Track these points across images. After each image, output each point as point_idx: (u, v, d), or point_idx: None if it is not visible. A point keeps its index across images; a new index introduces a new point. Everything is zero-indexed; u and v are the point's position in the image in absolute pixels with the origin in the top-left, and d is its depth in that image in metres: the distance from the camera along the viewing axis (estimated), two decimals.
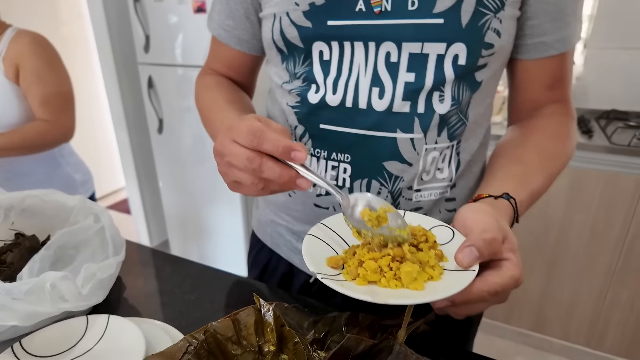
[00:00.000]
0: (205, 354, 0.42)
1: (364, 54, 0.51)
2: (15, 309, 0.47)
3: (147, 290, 0.68)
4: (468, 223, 0.41)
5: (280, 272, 0.73)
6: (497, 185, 0.49)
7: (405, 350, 0.41)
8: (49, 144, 1.18)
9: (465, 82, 0.52)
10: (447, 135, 0.54)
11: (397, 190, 0.56)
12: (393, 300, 0.35)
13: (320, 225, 0.45)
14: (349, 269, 0.40)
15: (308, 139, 0.58)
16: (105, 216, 0.67)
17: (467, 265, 0.36)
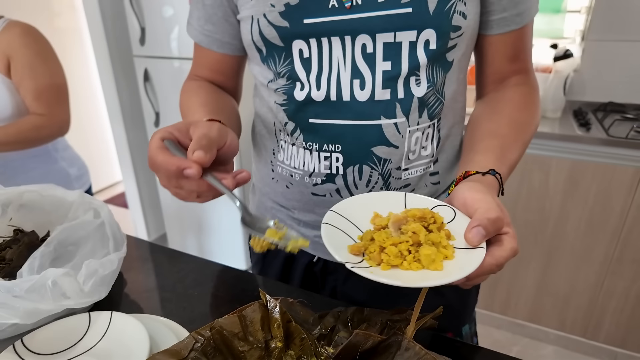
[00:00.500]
0: (212, 351, 0.42)
1: (341, 49, 0.53)
2: (17, 307, 0.46)
3: (148, 286, 0.68)
4: (468, 202, 0.43)
5: (282, 255, 0.74)
6: (480, 160, 0.51)
7: (414, 346, 0.41)
8: (44, 138, 1.16)
9: (438, 64, 0.55)
10: (427, 115, 0.57)
11: (387, 171, 0.59)
12: (423, 283, 0.37)
13: (331, 212, 0.45)
14: (371, 255, 0.41)
15: (299, 134, 0.60)
16: (105, 211, 0.66)
17: (477, 243, 0.39)
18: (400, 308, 0.50)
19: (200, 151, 0.42)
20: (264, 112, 0.66)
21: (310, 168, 0.61)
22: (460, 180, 0.49)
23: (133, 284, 0.68)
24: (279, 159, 0.66)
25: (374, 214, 0.46)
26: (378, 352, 0.42)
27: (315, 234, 0.68)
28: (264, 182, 0.72)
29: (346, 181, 0.60)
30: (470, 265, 0.37)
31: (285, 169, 0.65)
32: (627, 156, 1.37)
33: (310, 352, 0.45)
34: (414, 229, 0.41)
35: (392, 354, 0.42)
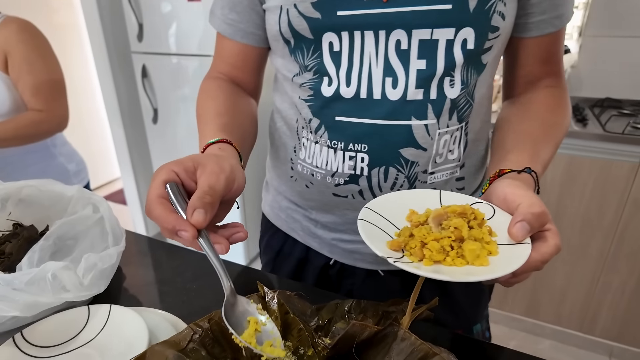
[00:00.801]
0: (210, 342, 0.42)
1: (374, 44, 0.51)
2: (16, 300, 0.46)
3: (147, 280, 0.68)
4: (509, 197, 0.42)
5: (296, 257, 0.73)
6: (514, 159, 0.50)
7: (410, 336, 0.42)
8: (43, 134, 1.16)
9: (472, 66, 0.53)
10: (457, 118, 0.56)
11: (413, 174, 0.57)
12: (470, 278, 0.36)
13: (366, 209, 0.45)
14: (412, 250, 0.40)
15: (324, 131, 0.58)
16: (104, 206, 0.67)
17: (521, 238, 0.38)
18: (396, 299, 0.50)
19: (201, 212, 0.39)
20: (285, 108, 0.64)
21: (333, 167, 0.59)
22: (495, 178, 0.48)
23: (132, 278, 0.68)
24: (300, 157, 0.63)
25: (409, 211, 0.45)
26: (374, 343, 0.43)
27: (332, 237, 0.67)
28: (281, 180, 0.70)
29: (370, 183, 0.58)
30: (516, 261, 0.37)
31: (306, 168, 0.63)
32: (623, 152, 1.38)
33: (308, 343, 0.45)
34: (456, 224, 0.40)
35: (388, 344, 0.42)
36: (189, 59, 1.81)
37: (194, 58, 1.80)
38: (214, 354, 0.42)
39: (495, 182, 0.46)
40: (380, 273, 0.68)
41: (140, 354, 0.39)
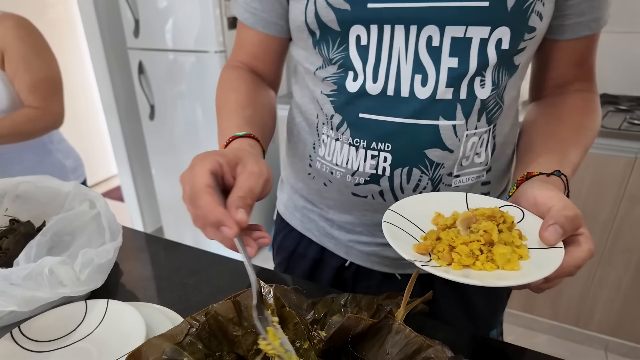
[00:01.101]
0: (207, 336, 0.43)
1: (404, 39, 0.49)
2: (14, 295, 0.47)
3: (144, 276, 0.68)
4: (540, 200, 0.41)
5: (310, 257, 0.71)
6: (542, 162, 0.49)
7: (405, 329, 0.42)
8: (39, 131, 1.16)
9: (504, 67, 0.51)
10: (486, 119, 0.54)
11: (438, 177, 0.55)
12: (502, 283, 0.35)
13: (390, 211, 0.44)
14: (440, 254, 0.39)
15: (346, 128, 0.56)
16: (100, 202, 0.67)
17: (554, 242, 0.37)
18: (391, 293, 0.51)
19: (243, 212, 0.39)
20: (305, 103, 0.62)
21: (354, 166, 0.57)
22: (523, 181, 0.47)
23: (129, 273, 0.69)
24: (320, 154, 0.61)
25: (435, 214, 0.44)
26: (369, 335, 0.43)
27: (349, 238, 0.65)
28: (298, 178, 0.68)
29: (392, 184, 0.56)
30: (549, 266, 0.36)
31: (325, 165, 0.61)
32: (619, 147, 1.39)
33: (304, 336, 0.46)
34: (486, 227, 0.39)
35: (383, 337, 0.43)
36: (186, 55, 1.81)
37: (191, 54, 1.79)
38: (211, 348, 0.42)
39: (523, 185, 0.45)
40: (398, 277, 0.67)
41: (137, 348, 0.40)
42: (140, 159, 2.36)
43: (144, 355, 0.39)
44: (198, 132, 1.94)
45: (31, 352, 0.49)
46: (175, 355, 0.40)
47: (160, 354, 0.39)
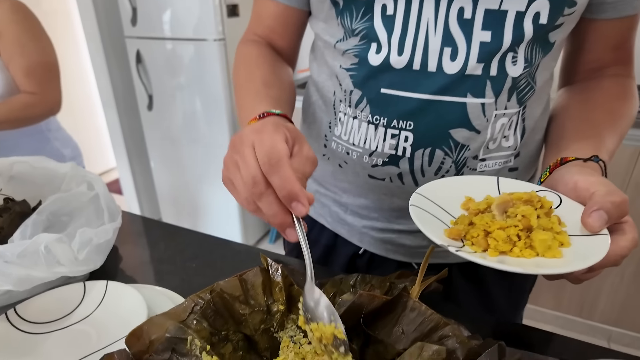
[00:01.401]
0: (212, 314, 0.41)
1: (433, 9, 0.46)
2: (9, 273, 0.44)
3: (145, 259, 0.66)
4: (581, 185, 0.39)
5: (323, 244, 0.69)
6: (577, 148, 0.46)
7: (420, 306, 0.40)
8: (36, 117, 1.13)
9: (539, 44, 0.48)
10: (516, 100, 0.51)
11: (462, 160, 0.52)
12: (544, 270, 0.33)
13: (417, 195, 0.41)
14: (475, 240, 0.37)
15: (366, 105, 0.53)
16: (99, 184, 0.64)
17: (598, 229, 0.35)
18: (403, 272, 0.49)
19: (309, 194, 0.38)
20: (323, 79, 0.59)
21: (372, 146, 0.54)
22: (557, 167, 0.44)
23: (129, 257, 0.66)
24: (336, 133, 0.58)
25: (465, 199, 0.42)
26: (383, 314, 0.41)
27: (363, 224, 0.63)
28: None
29: (412, 166, 0.53)
30: (594, 254, 0.33)
31: (341, 145, 0.58)
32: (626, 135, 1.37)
33: None
34: (524, 212, 0.37)
35: (397, 314, 0.41)
36: (185, 44, 1.78)
37: (189, 42, 1.76)
38: (216, 327, 0.40)
39: (559, 170, 0.43)
40: (414, 266, 0.64)
41: (138, 326, 0.38)
42: (139, 151, 2.33)
43: (146, 333, 0.37)
44: (197, 125, 1.92)
45: (27, 333, 0.47)
46: (179, 334, 0.37)
47: (163, 332, 0.37)
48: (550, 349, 0.49)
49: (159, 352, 0.36)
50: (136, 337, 0.36)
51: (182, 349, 0.37)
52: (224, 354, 0.39)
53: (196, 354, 0.37)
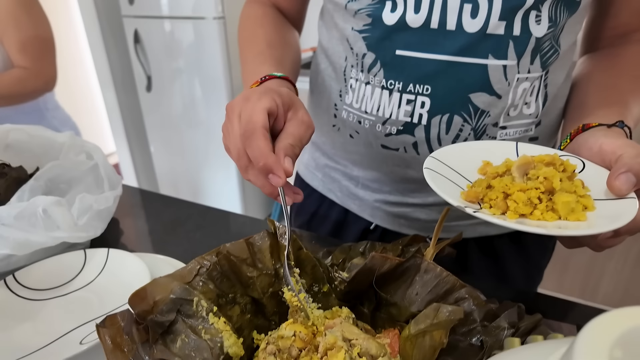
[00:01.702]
0: (219, 276, 0.39)
1: None
2: (6, 237, 0.43)
3: (146, 230, 0.65)
4: (607, 148, 0.37)
5: (333, 220, 0.67)
6: (600, 114, 0.44)
7: (435, 268, 0.39)
8: (30, 93, 1.11)
9: (564, 2, 0.45)
10: (539, 63, 0.48)
11: (482, 127, 0.49)
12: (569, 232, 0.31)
13: (432, 158, 0.40)
14: (493, 202, 0.36)
15: (379, 69, 0.50)
16: (98, 154, 0.62)
17: (625, 192, 0.33)
18: (416, 236, 0.47)
19: (291, 162, 0.38)
20: (333, 45, 0.56)
21: (386, 113, 0.51)
22: (578, 133, 0.42)
23: (130, 228, 0.65)
24: (346, 101, 0.55)
25: (483, 163, 0.40)
26: (395, 276, 0.40)
27: (375, 198, 0.61)
28: (321, 132, 0.63)
29: (428, 134, 0.50)
30: (620, 217, 0.31)
31: (352, 114, 0.55)
32: None
33: (323, 279, 0.42)
34: (546, 173, 0.35)
35: (410, 277, 0.39)
36: (183, 22, 1.74)
37: (188, 21, 1.72)
38: (223, 289, 0.39)
39: (582, 135, 0.41)
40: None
41: (142, 287, 0.36)
42: (138, 135, 2.30)
43: (150, 294, 0.35)
44: (197, 109, 1.89)
45: (27, 300, 0.45)
46: (185, 295, 0.36)
47: (168, 293, 0.36)
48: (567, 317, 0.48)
49: (164, 313, 0.34)
50: (139, 297, 0.35)
51: (188, 310, 0.35)
52: (232, 316, 0.38)
53: (203, 315, 0.35)
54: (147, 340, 0.33)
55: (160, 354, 0.32)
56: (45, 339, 0.40)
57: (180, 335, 0.34)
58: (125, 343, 0.33)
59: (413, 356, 0.34)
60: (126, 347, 0.33)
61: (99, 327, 0.34)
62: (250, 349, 0.39)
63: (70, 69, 2.89)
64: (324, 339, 0.35)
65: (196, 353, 0.33)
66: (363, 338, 0.35)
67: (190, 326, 0.34)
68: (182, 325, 0.34)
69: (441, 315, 0.34)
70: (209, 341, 0.34)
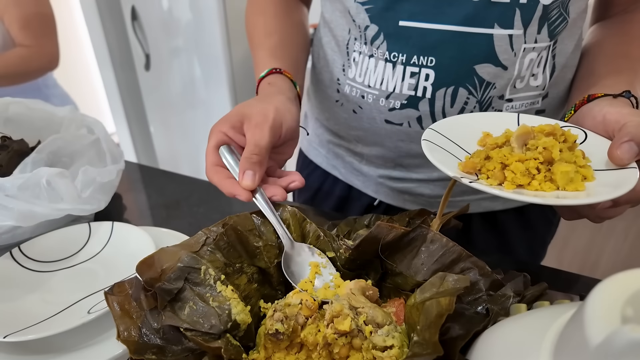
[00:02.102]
0: (226, 246, 0.39)
1: None
2: (11, 207, 0.43)
3: (150, 205, 0.64)
4: (610, 117, 0.36)
5: (337, 196, 0.67)
6: (609, 83, 0.43)
7: (441, 238, 0.39)
8: (33, 72, 1.09)
9: None
10: (547, 32, 0.46)
11: (487, 99, 0.49)
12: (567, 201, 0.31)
13: (431, 130, 0.39)
14: (491, 173, 0.35)
15: (382, 41, 0.49)
16: (99, 128, 0.62)
17: (627, 162, 0.33)
18: (423, 209, 0.47)
19: (249, 175, 0.40)
20: (335, 18, 0.55)
21: (389, 87, 0.50)
22: (583, 104, 0.42)
23: (134, 203, 0.65)
24: (349, 76, 0.55)
25: (483, 134, 0.40)
26: (401, 246, 0.40)
27: (379, 174, 0.60)
28: (324, 107, 0.62)
29: (433, 107, 0.49)
30: (620, 186, 0.31)
31: (355, 89, 0.54)
32: None
33: (328, 248, 0.42)
34: (545, 143, 0.34)
35: (416, 247, 0.39)
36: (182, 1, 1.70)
37: None
38: (230, 258, 0.39)
39: (588, 105, 0.40)
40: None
41: (149, 255, 0.36)
42: (138, 116, 2.28)
43: (157, 262, 0.35)
44: (196, 88, 1.86)
45: (34, 271, 0.45)
46: (193, 263, 0.36)
47: (176, 261, 0.36)
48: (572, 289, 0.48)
49: (172, 280, 0.34)
50: (147, 265, 0.35)
51: (196, 279, 0.35)
52: (239, 284, 0.38)
53: (210, 283, 0.36)
54: (155, 307, 0.33)
55: (168, 320, 0.32)
56: (53, 309, 0.41)
57: (188, 302, 0.34)
58: (133, 310, 0.33)
59: (419, 323, 0.34)
60: (134, 313, 0.33)
61: (107, 294, 0.34)
62: (257, 317, 0.39)
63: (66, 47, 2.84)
64: (330, 307, 0.35)
65: (204, 320, 0.33)
66: (369, 306, 0.36)
67: (198, 294, 0.35)
68: (190, 292, 0.34)
69: (447, 284, 0.34)
70: (217, 308, 0.34)
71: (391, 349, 0.33)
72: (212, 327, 0.33)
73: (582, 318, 0.19)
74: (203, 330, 0.32)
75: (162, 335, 0.32)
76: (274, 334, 0.33)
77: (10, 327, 0.37)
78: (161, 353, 0.31)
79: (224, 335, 0.33)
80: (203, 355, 0.32)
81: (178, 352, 0.32)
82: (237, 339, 0.34)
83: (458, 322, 0.36)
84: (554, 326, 0.24)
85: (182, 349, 0.32)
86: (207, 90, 1.85)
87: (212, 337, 0.32)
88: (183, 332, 0.32)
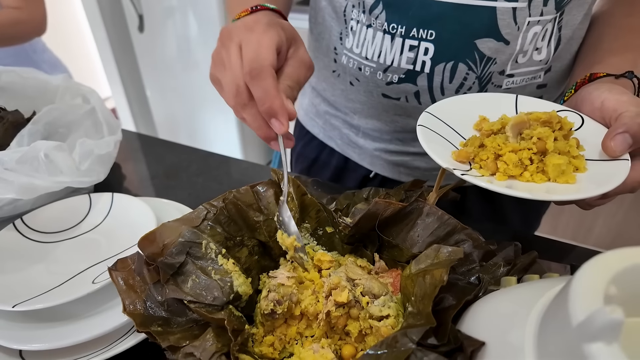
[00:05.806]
0: (226, 220, 0.40)
1: None
2: (10, 181, 0.43)
3: (149, 175, 0.65)
4: (608, 104, 0.35)
5: (333, 166, 0.67)
6: (613, 62, 0.42)
7: (437, 211, 0.39)
8: (22, 36, 1.05)
9: None
10: (554, 4, 0.44)
11: (487, 75, 0.47)
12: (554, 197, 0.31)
13: (427, 114, 0.39)
14: (483, 163, 0.35)
15: (381, 11, 0.46)
16: (94, 97, 0.61)
17: (619, 153, 0.32)
18: (417, 180, 0.47)
19: (292, 105, 0.36)
20: None
21: (387, 60, 0.48)
22: (584, 84, 0.40)
23: (132, 174, 0.65)
24: (347, 45, 0.53)
25: (479, 118, 0.39)
26: (398, 220, 0.40)
27: (375, 147, 0.60)
28: (320, 76, 0.61)
29: (431, 82, 0.48)
30: (609, 180, 0.31)
31: (353, 60, 0.52)
32: None
33: (327, 222, 0.43)
34: (540, 134, 0.34)
35: (412, 220, 0.40)
36: None
37: None
38: (231, 232, 0.40)
39: (587, 87, 0.39)
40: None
41: (151, 230, 0.36)
42: (133, 79, 2.23)
43: (159, 237, 0.36)
44: (192, 50, 1.81)
45: (37, 242, 0.46)
46: (194, 238, 0.37)
47: (177, 236, 0.36)
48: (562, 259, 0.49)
49: (174, 255, 0.35)
50: (149, 240, 0.36)
51: (197, 253, 0.36)
52: (240, 257, 0.39)
53: (212, 257, 0.37)
54: (158, 281, 0.34)
55: (172, 293, 0.33)
56: (58, 279, 0.42)
57: (191, 275, 0.35)
58: (137, 284, 0.34)
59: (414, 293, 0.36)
60: (138, 287, 0.34)
61: (111, 269, 0.35)
62: (257, 289, 0.40)
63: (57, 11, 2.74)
64: (328, 280, 0.36)
65: (207, 292, 0.34)
66: (366, 278, 0.37)
67: (200, 267, 0.35)
68: (192, 266, 0.35)
69: (441, 255, 0.35)
70: (219, 281, 0.35)
71: (387, 318, 0.34)
72: (215, 299, 0.34)
73: (566, 296, 0.20)
74: (206, 302, 0.33)
75: (166, 308, 0.33)
76: (270, 313, 0.35)
77: (18, 296, 0.38)
78: (166, 325, 0.33)
79: (227, 306, 0.34)
80: (207, 326, 0.33)
81: (183, 323, 0.33)
82: (239, 310, 0.36)
83: (451, 292, 0.37)
84: (541, 301, 0.25)
85: (186, 320, 0.34)
86: (203, 51, 1.80)
87: (215, 308, 0.34)
88: (187, 304, 0.33)
